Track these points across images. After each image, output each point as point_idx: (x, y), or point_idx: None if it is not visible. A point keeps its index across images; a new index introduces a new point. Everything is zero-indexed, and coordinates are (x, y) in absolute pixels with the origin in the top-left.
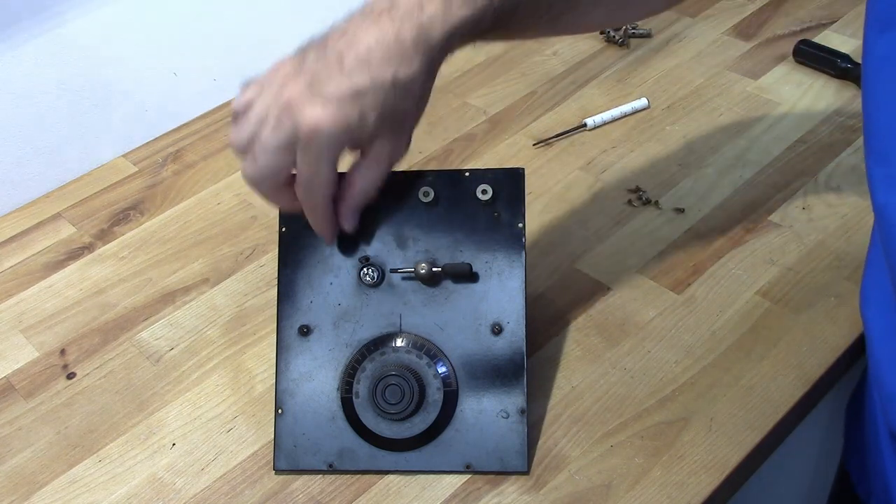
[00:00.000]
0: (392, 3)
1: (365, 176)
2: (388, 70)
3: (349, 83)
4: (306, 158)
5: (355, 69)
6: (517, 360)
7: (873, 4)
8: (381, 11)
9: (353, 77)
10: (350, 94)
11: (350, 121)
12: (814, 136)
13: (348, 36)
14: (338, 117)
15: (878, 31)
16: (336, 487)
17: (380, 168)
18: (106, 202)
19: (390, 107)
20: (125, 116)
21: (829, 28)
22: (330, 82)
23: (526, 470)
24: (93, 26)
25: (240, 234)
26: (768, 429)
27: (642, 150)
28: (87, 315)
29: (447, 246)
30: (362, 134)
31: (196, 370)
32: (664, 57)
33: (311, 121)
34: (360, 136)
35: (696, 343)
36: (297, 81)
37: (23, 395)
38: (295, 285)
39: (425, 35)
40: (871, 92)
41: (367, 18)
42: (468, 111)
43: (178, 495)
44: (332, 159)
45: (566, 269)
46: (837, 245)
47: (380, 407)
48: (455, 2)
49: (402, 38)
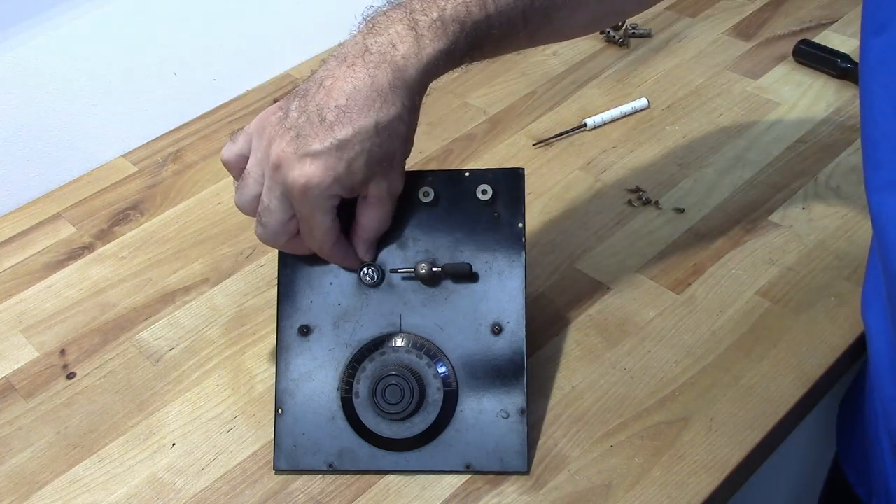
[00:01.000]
0: (365, 48)
1: (371, 217)
2: (369, 117)
3: (332, 137)
4: (303, 213)
5: (336, 122)
6: (517, 360)
7: (868, 6)
8: (355, 57)
9: (335, 130)
10: (334, 147)
11: (338, 173)
12: (814, 136)
13: (326, 87)
14: (325, 173)
15: (873, 33)
16: (336, 487)
17: (383, 206)
18: (106, 202)
19: (377, 152)
20: (125, 116)
21: (829, 28)
22: (314, 139)
23: (526, 470)
24: (93, 26)
25: (240, 234)
26: (768, 429)
27: (642, 150)
28: (87, 315)
29: (447, 246)
30: (353, 182)
31: (196, 370)
32: (664, 57)
33: (300, 180)
34: (351, 184)
35: (696, 343)
36: (282, 139)
37: (23, 395)
38: (295, 285)
39: (401, 76)
40: (866, 95)
41: (342, 65)
42: (468, 111)
43: (178, 495)
44: (327, 210)
45: (566, 269)
46: (837, 245)
47: (380, 407)
48: (426, 36)
49: (378, 83)
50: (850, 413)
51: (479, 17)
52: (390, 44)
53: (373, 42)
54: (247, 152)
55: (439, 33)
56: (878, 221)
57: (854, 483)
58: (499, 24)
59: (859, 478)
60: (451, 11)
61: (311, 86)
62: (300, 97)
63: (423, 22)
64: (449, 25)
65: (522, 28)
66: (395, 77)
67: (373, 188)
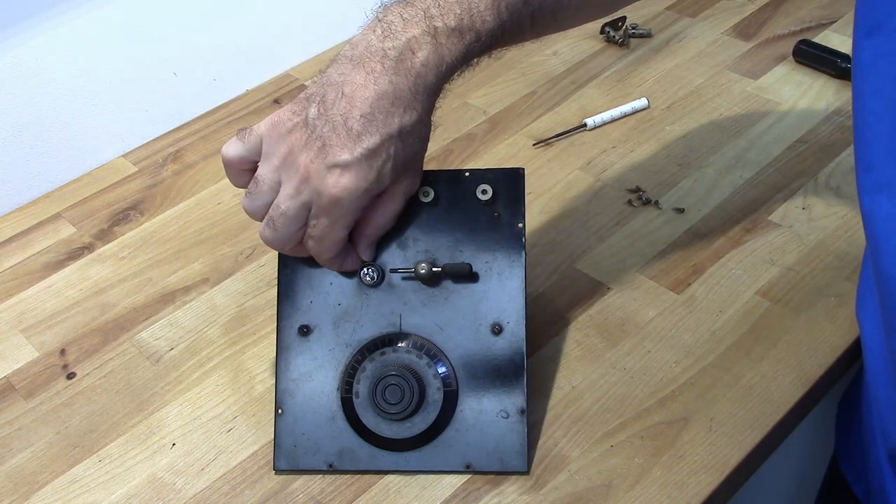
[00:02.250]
0: (383, 52)
1: (383, 213)
2: (393, 124)
3: (361, 147)
4: (323, 223)
5: (363, 131)
6: (517, 360)
7: (860, 8)
8: (372, 61)
9: (362, 139)
10: (364, 157)
11: (369, 182)
12: (814, 136)
13: (347, 95)
14: (357, 183)
15: (865, 35)
16: (336, 487)
17: (396, 205)
18: (106, 202)
19: (402, 156)
20: (125, 116)
21: (829, 28)
22: (342, 149)
23: (526, 470)
24: (93, 26)
25: (240, 234)
26: (768, 429)
27: (642, 150)
28: (87, 315)
29: (447, 246)
30: (381, 187)
31: (196, 370)
32: (664, 57)
33: (333, 191)
34: (379, 190)
35: (696, 343)
36: (309, 149)
37: (23, 395)
38: (295, 285)
39: (422, 81)
40: (858, 97)
41: (359, 69)
42: (468, 111)
43: (178, 495)
44: (349, 223)
45: (566, 269)
46: (837, 245)
47: (380, 407)
48: (445, 45)
49: (399, 89)
50: (848, 412)
51: (493, 26)
52: (409, 49)
53: (390, 46)
54: (254, 156)
55: (457, 42)
56: (870, 223)
57: (852, 482)
58: (510, 28)
59: (857, 477)
60: (468, 20)
61: (329, 91)
62: (319, 103)
63: (442, 30)
64: (466, 34)
65: (529, 29)
66: (416, 83)
67: (393, 187)
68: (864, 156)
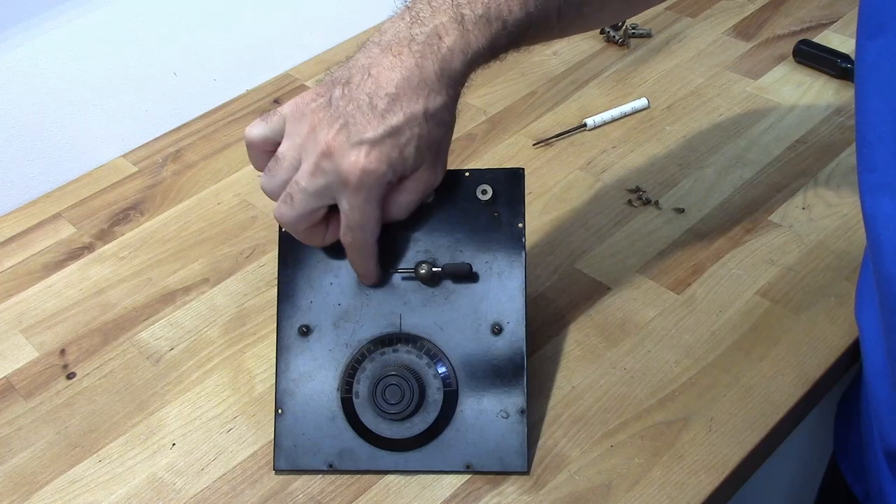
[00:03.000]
0: (411, 37)
1: (400, 203)
2: (418, 104)
3: (385, 124)
4: (355, 202)
5: (388, 109)
6: (517, 360)
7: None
8: (399, 45)
9: (386, 118)
10: (388, 134)
11: (392, 160)
12: (814, 136)
13: (373, 76)
14: (380, 160)
15: (869, 36)
16: (336, 487)
17: (415, 196)
18: (106, 202)
19: (426, 138)
20: (125, 116)
21: (829, 28)
22: (366, 126)
23: (526, 470)
24: (92, 26)
25: (240, 234)
26: (768, 429)
27: (642, 150)
28: (87, 315)
29: (447, 246)
30: (405, 168)
31: (196, 370)
32: (664, 57)
33: (356, 167)
34: (403, 171)
35: (696, 343)
36: (331, 127)
37: (23, 395)
38: (295, 285)
39: (448, 67)
40: (861, 98)
41: (386, 53)
42: (468, 111)
43: (178, 495)
44: (379, 199)
45: (566, 269)
46: (837, 245)
47: (380, 407)
48: (472, 32)
49: (426, 72)
50: (847, 412)
51: (520, 16)
52: (436, 35)
53: (418, 32)
54: (277, 137)
55: (484, 30)
56: (871, 223)
57: (851, 482)
58: (537, 20)
59: (856, 477)
60: (495, 10)
61: (355, 73)
62: (344, 84)
63: (469, 17)
64: (493, 23)
65: (556, 23)
66: (443, 70)
67: (416, 175)
68: (867, 157)
